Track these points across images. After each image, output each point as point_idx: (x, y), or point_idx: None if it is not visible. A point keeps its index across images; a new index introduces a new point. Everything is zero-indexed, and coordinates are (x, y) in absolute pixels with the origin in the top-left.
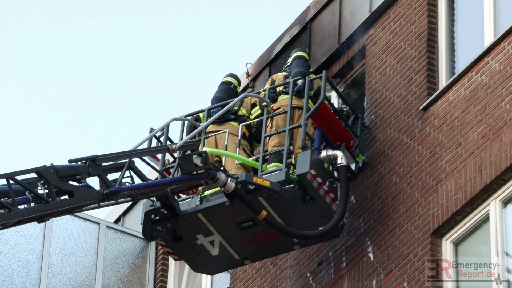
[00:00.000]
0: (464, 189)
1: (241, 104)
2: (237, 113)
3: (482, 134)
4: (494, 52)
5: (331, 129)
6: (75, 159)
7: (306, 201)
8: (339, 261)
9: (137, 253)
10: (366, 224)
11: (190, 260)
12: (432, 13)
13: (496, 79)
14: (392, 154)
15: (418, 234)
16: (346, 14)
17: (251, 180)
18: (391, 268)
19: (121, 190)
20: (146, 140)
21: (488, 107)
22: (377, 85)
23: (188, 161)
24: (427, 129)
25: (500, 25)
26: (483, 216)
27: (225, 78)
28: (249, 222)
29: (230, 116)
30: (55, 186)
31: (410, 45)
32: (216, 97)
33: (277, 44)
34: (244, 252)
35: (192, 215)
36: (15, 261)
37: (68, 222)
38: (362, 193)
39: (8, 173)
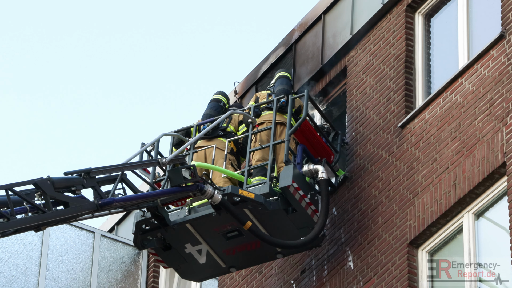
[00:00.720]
0: (439, 202)
1: (229, 121)
2: (226, 129)
3: (456, 150)
4: (468, 73)
5: (312, 145)
6: (70, 171)
7: (288, 213)
8: (321, 269)
9: (130, 261)
10: (346, 235)
11: (179, 268)
12: (410, 36)
13: (469, 99)
14: (372, 168)
15: (395, 244)
16: (328, 37)
17: (237, 193)
18: (370, 276)
19: (114, 201)
20: (138, 154)
21: (462, 125)
22: (358, 103)
23: (177, 174)
24: (404, 145)
25: (473, 49)
26: (457, 228)
27: (214, 95)
28: (235, 232)
29: (219, 132)
30: (51, 197)
31: (389, 66)
32: (206, 114)
33: (263, 64)
34: (230, 260)
35: (181, 225)
36: (14, 268)
37: (65, 231)
38: (343, 205)
39: (7, 184)
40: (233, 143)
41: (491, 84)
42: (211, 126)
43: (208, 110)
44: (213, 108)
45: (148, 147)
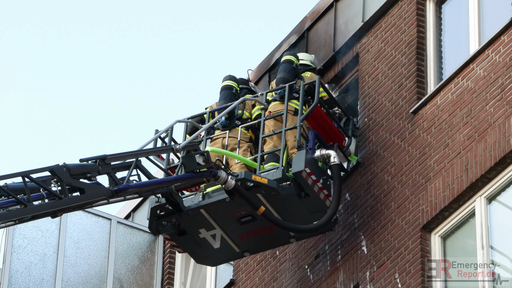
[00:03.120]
0: (452, 187)
1: (243, 107)
2: (242, 117)
3: (468, 135)
4: (479, 59)
5: (324, 130)
6: (86, 158)
7: (301, 197)
8: (334, 254)
9: (146, 247)
10: (360, 220)
11: (194, 253)
12: (421, 23)
13: (480, 84)
14: (384, 154)
15: (408, 229)
16: (340, 24)
17: (250, 178)
18: (384, 260)
19: (129, 188)
20: (152, 140)
21: (474, 110)
22: (370, 90)
23: (191, 160)
24: (416, 131)
25: (485, 34)
26: (469, 212)
27: (224, 82)
28: (249, 217)
29: (236, 122)
30: (67, 183)
31: (401, 53)
32: (220, 105)
33: (276, 52)
34: (243, 245)
35: (195, 210)
36: (32, 254)
37: (82, 218)
38: (356, 191)
39: (24, 171)
40: (251, 131)
41: (502, 69)
42: (224, 112)
43: (221, 101)
44: (227, 98)
45: (162, 134)
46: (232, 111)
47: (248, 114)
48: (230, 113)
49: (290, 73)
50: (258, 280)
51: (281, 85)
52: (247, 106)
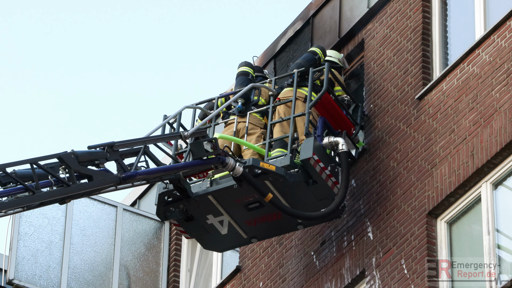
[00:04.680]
0: (457, 172)
1: (259, 94)
2: (258, 103)
3: (473, 121)
4: (485, 44)
5: (332, 117)
6: (94, 145)
7: (309, 185)
8: (340, 241)
9: (152, 234)
10: (366, 206)
11: (201, 239)
12: (426, 8)
13: (486, 69)
14: (390, 140)
15: (414, 215)
16: (345, 10)
17: (258, 165)
18: (390, 246)
19: (137, 174)
20: (160, 127)
21: (479, 96)
22: (375, 76)
23: (199, 147)
24: (422, 117)
25: (490, 19)
26: (475, 198)
27: (240, 68)
28: (256, 204)
29: (252, 108)
30: (75, 170)
31: (406, 39)
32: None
33: (281, 38)
34: (251, 231)
35: (202, 196)
36: (39, 242)
37: (88, 206)
38: (362, 177)
39: (32, 158)
40: (266, 118)
41: (508, 54)
42: (234, 97)
43: (237, 86)
44: (243, 84)
45: (171, 120)
46: (248, 97)
47: (264, 100)
48: (246, 99)
49: (307, 62)
50: (264, 266)
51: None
52: (262, 93)
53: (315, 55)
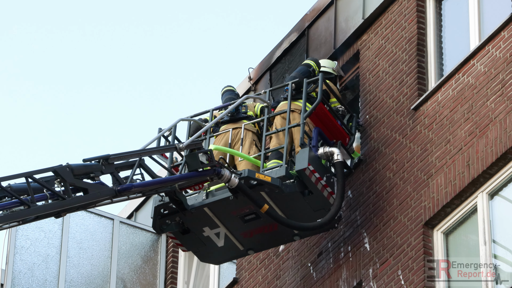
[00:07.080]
0: (453, 183)
1: (246, 108)
2: (247, 114)
3: (469, 131)
4: (479, 55)
5: (327, 128)
6: (89, 158)
7: (305, 195)
8: (337, 252)
9: (149, 246)
10: (362, 217)
11: (198, 251)
12: (421, 19)
13: (481, 80)
14: (386, 151)
15: (411, 225)
16: (341, 21)
17: (254, 176)
18: (386, 257)
19: (132, 187)
20: (155, 139)
21: (475, 106)
22: (371, 87)
23: (195, 159)
24: (418, 127)
25: (485, 30)
26: (471, 208)
27: (225, 88)
28: (252, 215)
29: (242, 114)
30: (70, 183)
31: (401, 49)
32: (224, 103)
33: (277, 49)
34: (247, 243)
35: (198, 209)
36: (35, 255)
37: (85, 218)
38: (358, 188)
39: (27, 172)
40: (258, 125)
41: (503, 65)
42: (227, 111)
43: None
44: (230, 98)
45: (166, 133)
46: (236, 109)
47: (252, 113)
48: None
49: (302, 75)
50: (261, 278)
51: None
52: (249, 106)
53: (309, 68)
